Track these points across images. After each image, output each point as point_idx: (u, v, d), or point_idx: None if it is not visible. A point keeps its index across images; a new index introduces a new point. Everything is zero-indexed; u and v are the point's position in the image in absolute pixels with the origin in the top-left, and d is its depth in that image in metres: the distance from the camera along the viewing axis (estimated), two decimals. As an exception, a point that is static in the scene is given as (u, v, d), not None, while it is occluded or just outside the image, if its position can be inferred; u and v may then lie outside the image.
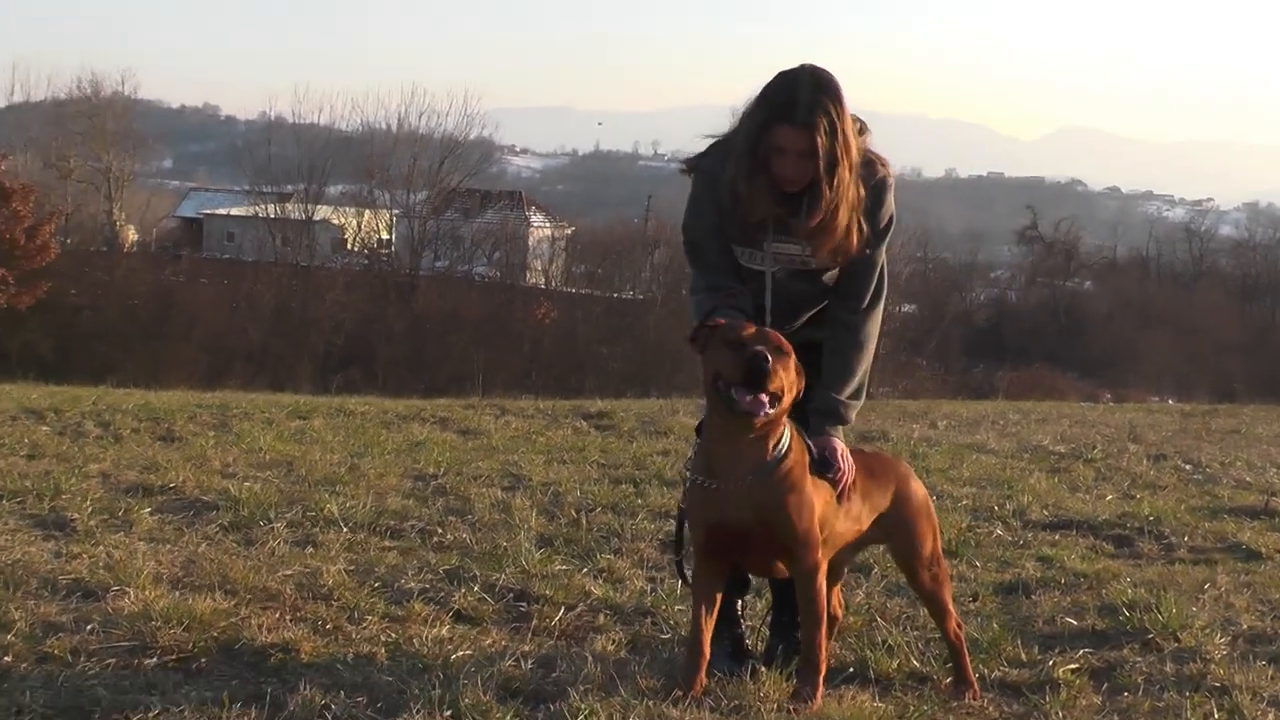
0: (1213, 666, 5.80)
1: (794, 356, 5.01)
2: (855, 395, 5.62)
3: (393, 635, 5.71)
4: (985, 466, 11.64)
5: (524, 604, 6.42)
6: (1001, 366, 66.57)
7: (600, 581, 6.89)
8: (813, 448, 5.27)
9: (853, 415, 5.59)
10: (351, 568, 6.82)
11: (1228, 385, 55.97)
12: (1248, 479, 11.67)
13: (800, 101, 5.12)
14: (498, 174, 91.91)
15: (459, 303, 58.38)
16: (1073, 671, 5.71)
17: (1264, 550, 8.47)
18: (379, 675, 5.10)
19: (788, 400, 4.97)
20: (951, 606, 5.63)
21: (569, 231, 74.20)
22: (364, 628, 5.81)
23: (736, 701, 5.04)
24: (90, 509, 7.80)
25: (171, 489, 8.69)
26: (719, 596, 5.27)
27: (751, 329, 5.05)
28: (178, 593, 6.03)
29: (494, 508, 8.62)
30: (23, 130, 66.20)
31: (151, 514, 7.87)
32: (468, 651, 5.52)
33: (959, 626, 5.63)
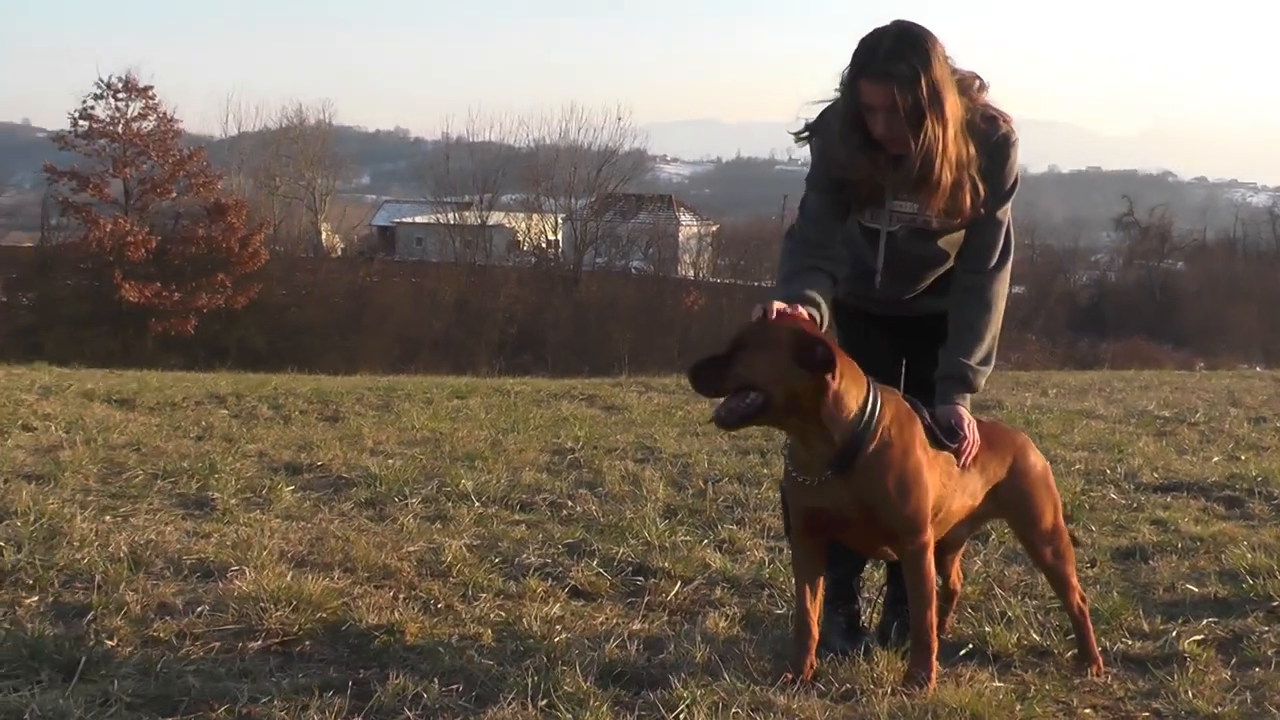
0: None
1: (777, 348, 4.14)
2: (984, 361, 4.77)
3: (502, 614, 4.99)
4: (1095, 431, 10.72)
5: (641, 578, 5.67)
6: (1104, 340, 65.08)
7: (720, 553, 6.14)
8: (928, 417, 4.47)
9: (982, 381, 4.75)
10: (476, 542, 6.13)
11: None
12: (1353, 437, 10.67)
13: (879, 54, 4.33)
14: (650, 180, 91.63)
15: (617, 294, 58.12)
16: (1198, 643, 4.89)
17: None
18: (480, 659, 4.39)
19: (780, 398, 4.11)
20: (1074, 579, 4.82)
21: (714, 229, 73.62)
22: (475, 606, 5.10)
23: (847, 685, 4.28)
24: (235, 487, 7.18)
25: (319, 467, 8.03)
26: (821, 576, 4.49)
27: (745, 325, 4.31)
28: (296, 571, 5.34)
29: (624, 480, 7.89)
30: (237, 155, 66.74)
31: (294, 491, 7.23)
32: (575, 633, 4.80)
33: (1082, 600, 4.81)
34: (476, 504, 7.02)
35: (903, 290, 4.86)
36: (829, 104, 4.67)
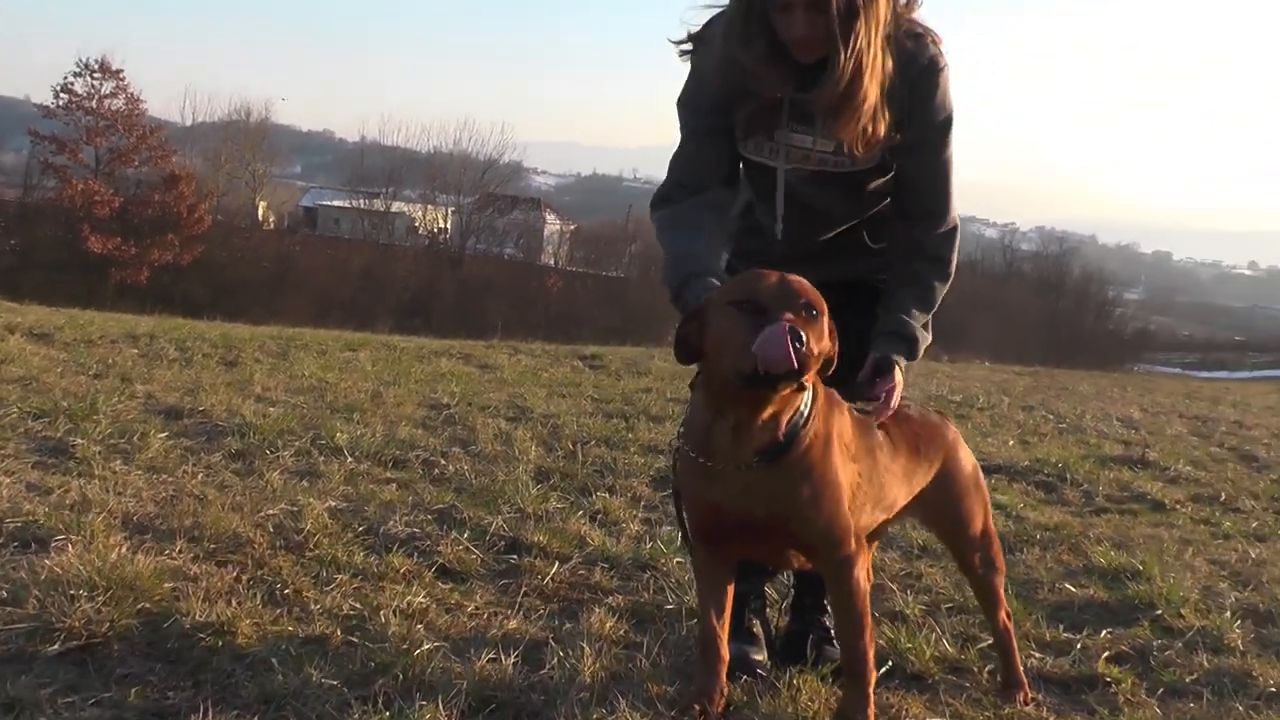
0: (1251, 662, 3.62)
1: (827, 313, 2.62)
2: (927, 327, 3.20)
3: (358, 605, 3.33)
4: (906, 412, 9.34)
5: (515, 555, 4.09)
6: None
7: (595, 526, 4.60)
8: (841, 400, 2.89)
9: (922, 351, 3.17)
10: (341, 505, 4.48)
11: (1033, 353, 54.50)
12: (1104, 429, 9.60)
13: None
14: (524, 186, 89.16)
15: (493, 274, 56.69)
16: (1113, 663, 3.53)
17: (1167, 501, 6.44)
18: (320, 678, 2.73)
19: (813, 369, 2.57)
20: (1002, 593, 3.34)
21: (573, 228, 73.30)
22: (328, 593, 3.43)
23: None
24: (105, 432, 5.39)
25: (200, 412, 6.21)
26: (729, 586, 2.91)
27: (771, 278, 2.62)
28: (133, 540, 3.64)
29: (497, 438, 6.30)
30: (191, 137, 63.57)
31: (166, 439, 5.45)
32: (440, 633, 3.18)
33: (1008, 617, 3.34)
34: (349, 459, 5.38)
35: (806, 247, 3.24)
36: (718, 9, 3.05)
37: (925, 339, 3.15)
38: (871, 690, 2.78)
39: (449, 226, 62.58)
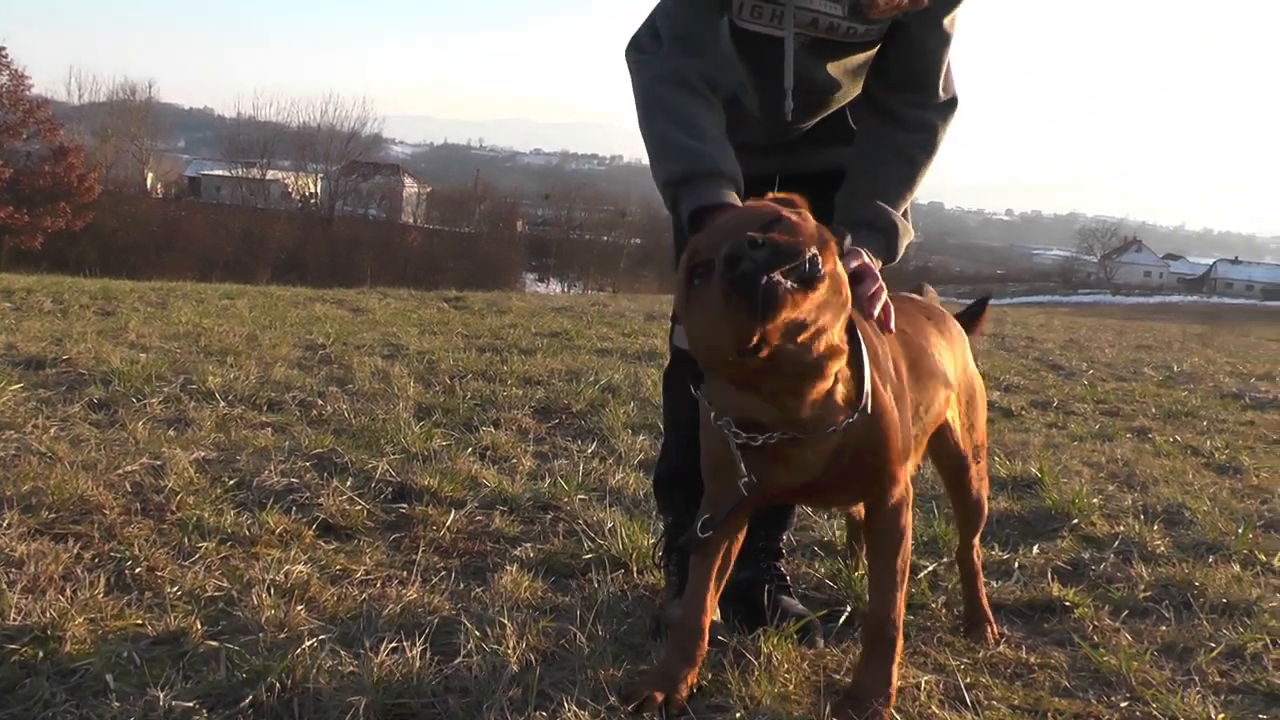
0: (1190, 572, 2.85)
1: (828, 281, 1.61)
2: (907, 216, 2.21)
3: (224, 583, 2.34)
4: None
5: (404, 504, 3.11)
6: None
7: (487, 464, 3.65)
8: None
9: (902, 249, 2.17)
10: (211, 455, 3.44)
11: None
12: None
13: None
14: (384, 154, 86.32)
15: (360, 232, 54.95)
16: (1058, 582, 2.75)
17: (1013, 409, 5.74)
18: (170, 699, 1.73)
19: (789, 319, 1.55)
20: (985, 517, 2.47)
21: (428, 190, 71.63)
22: (189, 568, 2.42)
23: (748, 711, 1.84)
24: (-50, 386, 4.23)
25: (64, 361, 5.05)
26: (734, 549, 2.00)
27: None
28: None
29: (374, 376, 5.27)
30: (80, 117, 59.12)
31: (21, 390, 4.30)
32: (324, 612, 2.20)
33: (978, 543, 2.49)
34: (221, 403, 4.32)
35: (787, 134, 2.34)
36: None
37: (906, 232, 2.19)
38: (899, 658, 1.91)
39: (319, 191, 60.60)
